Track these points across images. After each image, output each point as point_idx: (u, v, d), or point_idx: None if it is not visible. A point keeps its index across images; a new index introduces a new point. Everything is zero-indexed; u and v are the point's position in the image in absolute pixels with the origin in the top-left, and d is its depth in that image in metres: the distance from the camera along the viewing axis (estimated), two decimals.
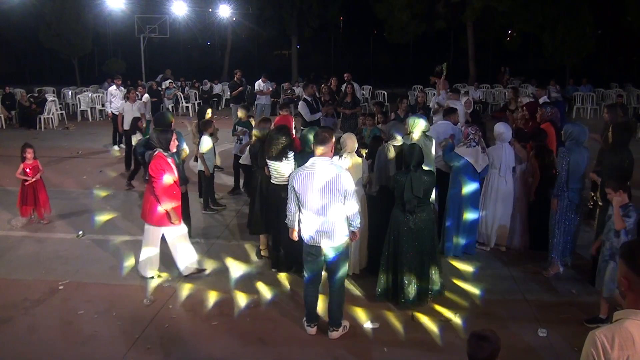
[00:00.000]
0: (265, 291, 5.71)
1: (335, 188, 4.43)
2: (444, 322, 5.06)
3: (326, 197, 4.44)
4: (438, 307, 5.31)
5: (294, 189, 4.53)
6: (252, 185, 6.58)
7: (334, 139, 4.70)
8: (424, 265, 5.26)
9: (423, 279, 5.28)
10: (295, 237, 4.83)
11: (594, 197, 5.85)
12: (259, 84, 15.63)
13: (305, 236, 4.65)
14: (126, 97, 11.65)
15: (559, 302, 5.43)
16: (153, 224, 5.78)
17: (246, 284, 5.88)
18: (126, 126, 11.21)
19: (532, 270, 6.15)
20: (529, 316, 5.17)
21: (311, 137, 5.75)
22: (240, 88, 15.42)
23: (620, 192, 4.71)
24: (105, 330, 4.92)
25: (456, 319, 5.12)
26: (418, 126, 6.29)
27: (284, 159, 5.74)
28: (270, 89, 16.39)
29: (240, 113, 9.11)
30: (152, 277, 5.93)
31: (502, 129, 6.64)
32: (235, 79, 15.68)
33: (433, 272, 5.36)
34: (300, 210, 4.64)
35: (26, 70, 30.35)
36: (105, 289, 5.76)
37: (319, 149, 4.53)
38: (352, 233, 4.77)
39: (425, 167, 5.34)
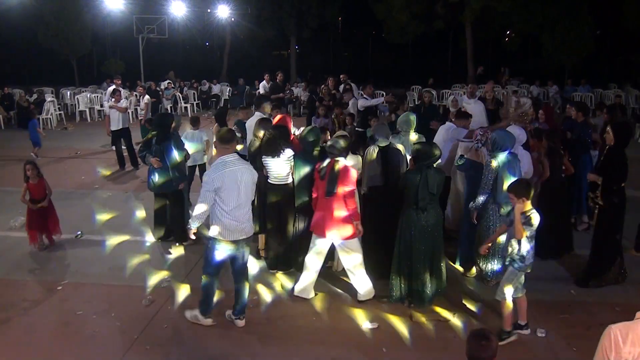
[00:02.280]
0: (264, 291, 5.71)
1: (252, 182, 4.78)
2: (443, 322, 5.07)
3: (249, 191, 4.76)
4: (437, 307, 5.31)
5: (222, 186, 4.57)
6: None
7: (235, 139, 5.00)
8: (434, 264, 5.28)
9: (434, 279, 5.30)
10: (193, 236, 4.88)
11: (594, 198, 5.82)
12: (264, 85, 15.43)
13: (226, 232, 4.68)
14: (111, 97, 11.56)
15: (558, 302, 5.43)
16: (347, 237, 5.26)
17: None
18: (113, 127, 11.19)
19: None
20: (528, 316, 5.16)
21: (310, 137, 5.76)
22: (282, 94, 14.05)
23: (523, 200, 4.46)
24: (104, 331, 4.92)
25: (455, 319, 5.12)
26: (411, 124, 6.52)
27: (279, 154, 5.75)
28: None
29: (242, 114, 8.94)
30: None
31: (515, 131, 6.29)
32: (277, 80, 14.68)
33: (438, 270, 5.36)
34: (221, 208, 4.64)
35: (25, 71, 30.32)
36: (104, 290, 5.76)
37: (225, 147, 4.74)
38: None
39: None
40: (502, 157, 5.44)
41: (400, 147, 6.07)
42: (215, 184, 4.57)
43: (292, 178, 5.87)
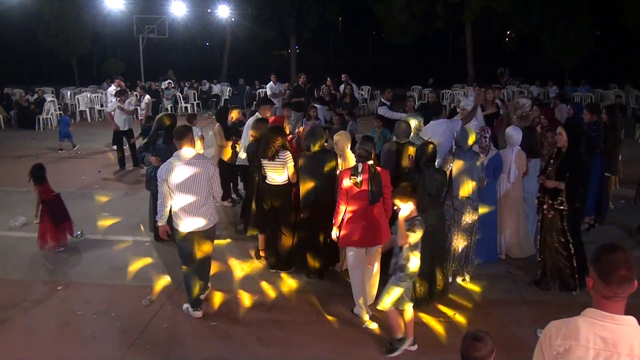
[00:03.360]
0: (264, 291, 5.71)
1: (205, 177, 4.89)
2: (443, 322, 5.06)
3: (200, 186, 4.88)
4: (437, 307, 5.31)
5: (172, 181, 4.80)
6: (248, 186, 6.58)
7: (192, 133, 5.07)
8: (433, 265, 5.26)
9: (432, 280, 5.29)
10: (166, 235, 5.16)
11: (554, 204, 5.52)
12: (271, 87, 15.08)
13: (179, 223, 4.94)
14: (117, 98, 11.57)
15: (557, 302, 5.43)
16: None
17: (245, 284, 5.88)
18: (120, 127, 11.24)
19: (529, 270, 6.15)
20: (527, 316, 5.17)
21: (313, 138, 5.74)
22: (302, 98, 13.15)
23: (409, 205, 4.29)
24: (104, 331, 4.92)
25: (455, 319, 5.12)
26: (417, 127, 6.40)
27: (276, 158, 5.77)
28: (282, 91, 15.51)
29: (236, 113, 8.88)
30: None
31: (511, 132, 6.41)
32: (300, 82, 13.84)
33: (439, 272, 5.35)
34: (173, 200, 4.89)
35: (24, 71, 30.34)
36: (104, 290, 5.76)
37: (180, 143, 4.90)
38: None
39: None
40: (457, 157, 5.65)
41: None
42: (162, 177, 4.86)
43: (289, 178, 5.89)
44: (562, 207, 5.48)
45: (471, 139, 5.71)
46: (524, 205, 6.62)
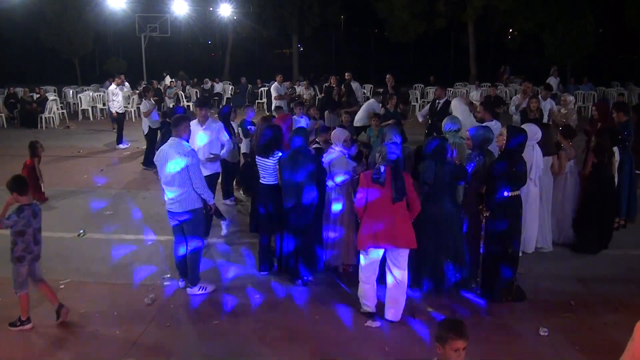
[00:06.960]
0: (266, 291, 5.70)
1: (172, 164, 5.23)
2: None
3: (170, 172, 5.24)
4: (439, 306, 5.30)
5: (156, 164, 5.46)
6: (253, 184, 6.57)
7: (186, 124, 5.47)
8: (438, 259, 5.23)
9: (437, 273, 5.26)
10: None
11: (481, 208, 5.41)
12: (277, 88, 14.46)
13: (166, 204, 5.48)
14: (144, 96, 11.51)
15: (560, 301, 5.42)
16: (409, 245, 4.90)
17: (247, 283, 5.88)
18: (154, 125, 11.01)
19: (533, 270, 6.14)
20: (530, 315, 5.16)
21: (299, 138, 5.69)
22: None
23: (14, 194, 4.70)
24: (106, 330, 4.93)
25: (456, 318, 5.10)
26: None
27: (270, 156, 5.76)
28: (288, 92, 14.98)
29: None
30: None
31: (531, 129, 6.21)
32: (331, 83, 13.44)
33: (441, 267, 5.30)
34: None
35: (27, 70, 30.39)
36: (107, 288, 5.77)
37: (174, 132, 5.39)
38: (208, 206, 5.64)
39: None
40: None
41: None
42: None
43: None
44: (486, 213, 5.28)
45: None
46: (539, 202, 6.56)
